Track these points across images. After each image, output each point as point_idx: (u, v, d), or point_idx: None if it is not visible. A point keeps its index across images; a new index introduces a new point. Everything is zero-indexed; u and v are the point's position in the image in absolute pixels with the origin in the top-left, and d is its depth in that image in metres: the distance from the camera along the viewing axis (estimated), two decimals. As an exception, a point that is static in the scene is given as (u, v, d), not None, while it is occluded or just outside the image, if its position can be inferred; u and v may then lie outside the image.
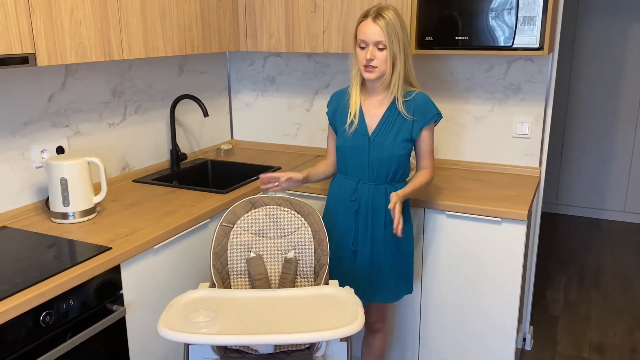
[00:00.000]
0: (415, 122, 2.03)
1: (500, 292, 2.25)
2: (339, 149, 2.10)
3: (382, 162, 2.03)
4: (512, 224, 2.17)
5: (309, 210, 1.99)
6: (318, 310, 1.66)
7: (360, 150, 2.05)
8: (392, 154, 2.02)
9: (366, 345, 2.33)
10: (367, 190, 2.07)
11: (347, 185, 2.11)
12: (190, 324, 1.54)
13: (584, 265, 3.90)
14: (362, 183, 2.07)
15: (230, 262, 1.96)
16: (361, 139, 2.04)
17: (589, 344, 2.91)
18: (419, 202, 2.28)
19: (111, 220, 2.01)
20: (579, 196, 4.88)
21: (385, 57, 1.94)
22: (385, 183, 2.07)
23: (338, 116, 2.11)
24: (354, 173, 2.09)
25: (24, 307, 1.45)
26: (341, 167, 2.14)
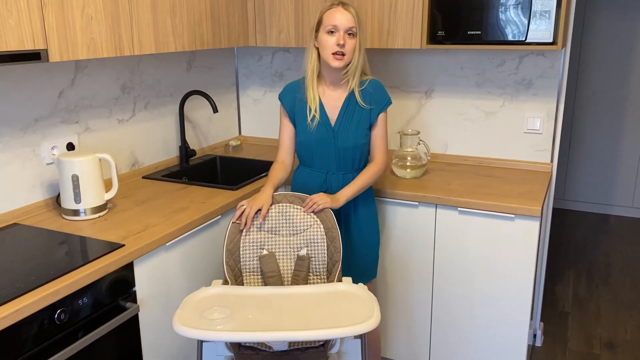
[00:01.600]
0: (372, 110, 2.07)
1: (512, 289, 2.24)
2: (303, 143, 2.11)
3: (348, 151, 2.07)
4: (525, 220, 2.15)
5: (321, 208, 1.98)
6: (332, 307, 1.65)
7: (327, 142, 2.07)
8: (356, 142, 2.06)
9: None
10: (337, 180, 2.10)
11: (315, 177, 2.13)
12: (206, 320, 1.53)
13: (592, 261, 3.88)
14: (331, 173, 2.11)
15: (243, 259, 1.95)
16: (325, 131, 2.06)
17: (599, 340, 2.90)
18: (430, 198, 2.27)
19: (123, 217, 2.00)
20: (587, 192, 4.85)
21: (354, 45, 1.98)
22: (353, 171, 2.11)
23: (297, 111, 2.10)
24: (321, 165, 2.11)
25: (39, 305, 1.45)
26: (306, 160, 2.14)
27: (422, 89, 2.76)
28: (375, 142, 2.11)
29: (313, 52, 2.03)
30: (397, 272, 2.44)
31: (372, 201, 2.17)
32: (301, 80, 2.11)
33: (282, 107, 2.14)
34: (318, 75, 2.08)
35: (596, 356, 2.76)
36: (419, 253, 2.38)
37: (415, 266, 2.40)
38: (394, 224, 2.39)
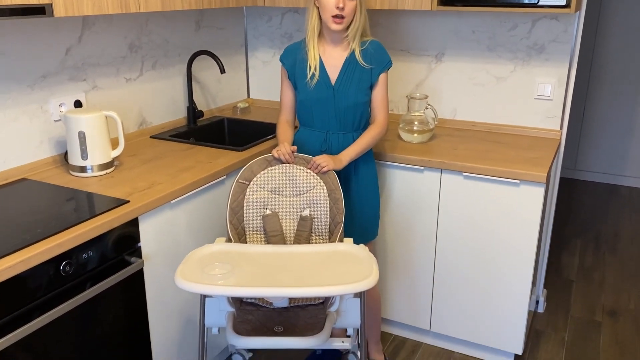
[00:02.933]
0: (373, 70, 2.06)
1: (515, 254, 2.25)
2: (302, 102, 2.10)
3: (348, 111, 2.07)
4: (531, 186, 2.14)
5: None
6: (333, 266, 1.67)
7: (326, 101, 2.06)
8: (356, 101, 2.06)
9: None
10: (337, 140, 2.10)
11: (315, 137, 2.13)
12: (207, 276, 1.56)
13: (600, 230, 3.87)
14: (331, 133, 2.11)
15: (246, 218, 1.97)
16: (325, 90, 2.06)
17: (602, 308, 2.91)
18: (435, 163, 2.26)
19: (129, 175, 2.02)
20: (598, 162, 4.80)
21: (354, 7, 1.97)
22: (352, 131, 2.11)
23: (297, 70, 2.10)
24: (321, 124, 2.11)
25: (44, 256, 1.48)
26: (306, 120, 2.14)
27: (432, 52, 2.72)
28: (376, 103, 2.10)
29: (314, 11, 2.01)
30: (400, 237, 2.46)
31: (372, 161, 2.18)
32: (302, 41, 2.10)
33: (283, 68, 2.14)
34: (319, 34, 2.06)
35: (597, 323, 2.77)
36: (423, 218, 2.38)
37: (419, 231, 2.41)
38: (399, 189, 2.40)
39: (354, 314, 1.82)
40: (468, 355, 2.51)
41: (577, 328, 2.73)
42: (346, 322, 1.82)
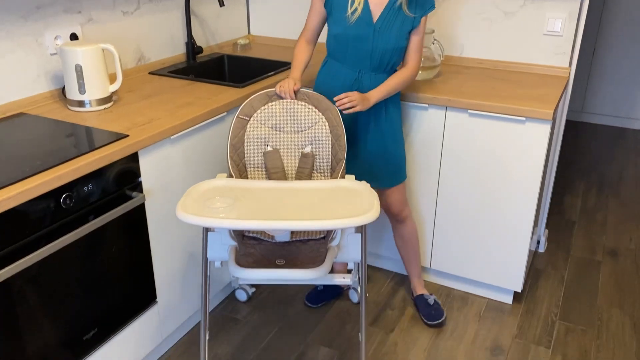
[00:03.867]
0: (416, 13, 1.98)
1: (518, 193, 2.24)
2: (338, 36, 2.02)
3: (385, 53, 1.99)
4: (536, 123, 2.11)
5: (327, 105, 1.95)
6: (334, 201, 1.66)
7: (364, 39, 1.98)
8: (396, 45, 1.98)
9: (398, 237, 2.37)
10: (369, 80, 2.04)
11: (346, 74, 2.06)
12: (208, 209, 1.56)
13: (605, 173, 3.85)
14: (363, 73, 2.04)
15: (247, 155, 1.96)
16: (365, 27, 1.97)
17: (602, 248, 2.93)
18: (441, 100, 2.22)
19: (128, 110, 1.99)
20: (606, 104, 4.72)
21: None
22: (385, 73, 2.05)
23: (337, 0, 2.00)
24: (354, 62, 2.04)
25: (44, 188, 1.48)
26: (338, 55, 2.07)
27: (439, -14, 2.62)
28: (411, 46, 2.02)
29: None
30: (403, 175, 2.44)
31: (399, 103, 2.15)
32: None
33: None
34: None
35: (597, 263, 2.80)
36: (427, 156, 2.36)
37: (422, 169, 2.39)
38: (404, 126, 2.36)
39: (355, 249, 1.82)
40: (468, 292, 2.55)
41: (577, 267, 2.76)
42: (347, 256, 1.83)
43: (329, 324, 2.33)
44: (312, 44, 2.13)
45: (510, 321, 2.37)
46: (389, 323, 2.35)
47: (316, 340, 2.24)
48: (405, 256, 2.40)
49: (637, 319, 2.39)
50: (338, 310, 2.41)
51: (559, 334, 2.30)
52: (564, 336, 2.29)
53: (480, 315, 2.40)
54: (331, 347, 2.21)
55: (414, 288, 2.44)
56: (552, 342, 2.25)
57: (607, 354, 2.19)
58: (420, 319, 2.35)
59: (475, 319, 2.38)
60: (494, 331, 2.31)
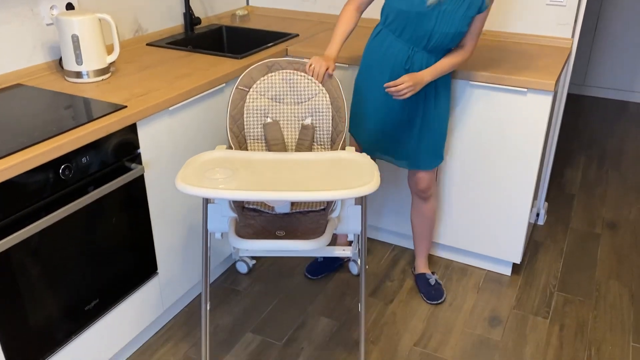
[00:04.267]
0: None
1: (519, 165, 2.23)
2: (399, 12, 1.89)
3: (445, 37, 1.89)
4: (538, 95, 2.09)
5: (327, 76, 1.93)
6: (334, 172, 1.66)
7: (427, 19, 1.86)
8: (458, 29, 1.87)
9: (417, 213, 2.33)
10: (421, 60, 1.94)
11: (399, 50, 1.95)
12: (208, 180, 1.56)
13: (606, 146, 3.84)
14: (417, 51, 1.94)
15: (246, 126, 1.94)
16: (431, 8, 1.84)
17: (602, 221, 2.93)
18: (441, 70, 2.19)
19: (125, 81, 1.97)
20: (608, 77, 4.68)
21: None
22: (439, 56, 1.96)
23: None
24: (410, 40, 1.92)
25: (42, 159, 1.47)
26: (394, 28, 1.94)
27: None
28: (473, 30, 1.93)
29: None
30: (403, 147, 2.43)
31: (450, 84, 2.09)
32: None
33: None
34: None
35: (597, 235, 2.81)
36: (427, 128, 2.35)
37: (422, 141, 2.38)
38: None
39: (355, 221, 1.83)
40: (467, 264, 2.56)
41: (576, 239, 2.77)
42: (347, 228, 1.84)
43: (329, 295, 2.35)
44: (360, 13, 2.03)
45: (508, 292, 2.38)
46: (388, 294, 2.36)
47: (316, 311, 2.26)
48: (418, 233, 2.38)
49: (635, 290, 2.41)
50: (338, 281, 2.43)
51: (557, 304, 2.32)
52: (561, 307, 2.31)
53: (479, 286, 2.42)
54: (331, 317, 2.23)
55: (417, 265, 2.44)
56: (550, 313, 2.27)
57: (605, 325, 2.21)
58: (420, 296, 2.36)
59: (474, 290, 2.40)
60: (493, 302, 2.33)
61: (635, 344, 2.12)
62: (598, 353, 2.07)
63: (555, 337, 2.15)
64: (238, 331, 2.16)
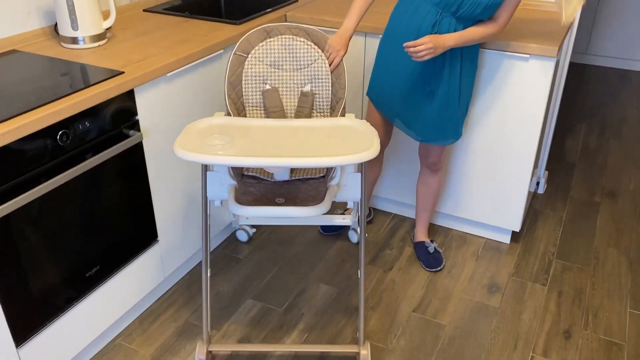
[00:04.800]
0: None
1: (520, 133, 2.22)
2: None
3: (478, 6, 1.80)
4: (540, 61, 2.06)
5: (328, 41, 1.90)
6: (334, 139, 1.64)
7: None
8: (494, 1, 1.79)
9: (423, 185, 2.32)
10: (449, 26, 1.86)
11: (427, 13, 1.86)
12: (207, 146, 1.55)
13: (607, 115, 3.81)
14: (444, 16, 1.85)
15: (245, 93, 1.92)
16: None
17: (601, 190, 2.93)
18: (443, 36, 2.16)
19: (122, 47, 1.94)
20: (611, 46, 4.62)
21: None
22: (468, 25, 1.88)
23: None
24: (439, 3, 1.83)
25: (39, 125, 1.46)
26: None
27: None
28: (508, 2, 1.83)
29: None
30: (403, 115, 2.41)
31: (477, 58, 2.00)
32: None
33: None
34: None
35: (596, 204, 2.81)
36: (427, 95, 2.32)
37: (423, 109, 2.36)
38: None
39: (355, 188, 1.82)
40: (466, 232, 2.57)
41: (575, 208, 2.77)
42: (347, 195, 1.83)
43: (329, 263, 2.37)
44: None
45: (507, 260, 2.40)
46: (387, 262, 2.38)
47: (316, 278, 2.28)
48: (422, 203, 2.37)
49: (633, 258, 2.42)
50: (337, 250, 2.44)
51: (556, 272, 2.34)
52: (560, 274, 2.32)
53: (478, 254, 2.43)
54: (331, 284, 2.25)
55: (417, 234, 2.45)
56: (548, 280, 2.29)
57: (602, 292, 2.23)
58: (419, 264, 2.37)
59: (472, 258, 2.41)
60: (491, 269, 2.34)
61: (633, 310, 2.14)
62: (595, 319, 2.10)
63: (553, 304, 2.17)
64: (239, 298, 2.17)
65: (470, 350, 1.96)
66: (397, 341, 1.99)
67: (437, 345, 1.98)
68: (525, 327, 2.06)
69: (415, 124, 2.08)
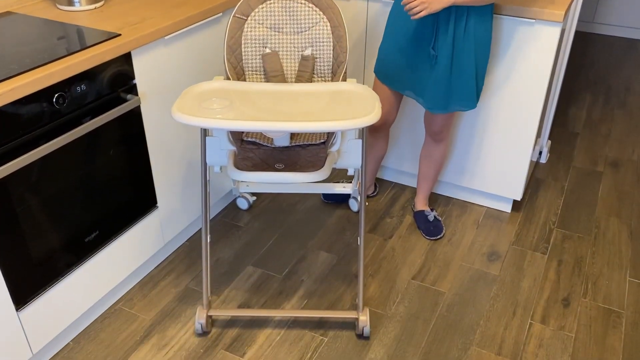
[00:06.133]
0: None
1: (523, 101, 2.18)
2: None
3: None
4: (546, 26, 2.02)
5: (329, 3, 1.86)
6: (335, 104, 1.62)
7: None
8: None
9: (426, 154, 2.29)
10: None
11: None
12: (205, 110, 1.52)
13: (612, 85, 3.76)
14: None
15: (245, 57, 1.89)
16: None
17: (604, 159, 2.91)
18: (447, 0, 2.11)
19: (119, 10, 1.90)
20: (618, 14, 4.54)
21: None
22: None
23: None
24: None
25: (35, 86, 1.43)
26: None
27: None
28: None
29: None
30: (406, 82, 2.38)
31: (488, 20, 1.89)
32: None
33: None
34: None
35: (598, 173, 2.79)
36: (430, 61, 2.28)
37: (425, 75, 2.32)
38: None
39: (355, 155, 1.80)
40: (467, 201, 2.56)
41: (577, 177, 2.76)
42: (347, 162, 1.82)
43: (329, 230, 2.36)
44: None
45: (508, 229, 2.39)
46: (387, 230, 2.38)
47: (316, 246, 2.28)
48: (424, 173, 2.35)
49: (634, 227, 2.42)
50: (338, 218, 2.44)
51: (556, 240, 2.33)
52: (560, 243, 2.32)
53: (479, 223, 2.43)
54: (330, 252, 2.25)
55: (417, 203, 2.43)
56: (548, 248, 2.28)
57: (603, 260, 2.23)
58: (419, 232, 2.37)
59: (473, 226, 2.41)
60: (492, 238, 2.34)
61: (632, 279, 2.14)
62: (594, 287, 2.10)
63: (553, 272, 2.17)
64: (239, 264, 2.18)
65: (469, 317, 1.97)
66: (396, 308, 2.00)
67: (436, 311, 1.99)
68: (524, 295, 2.06)
69: (423, 91, 2.02)
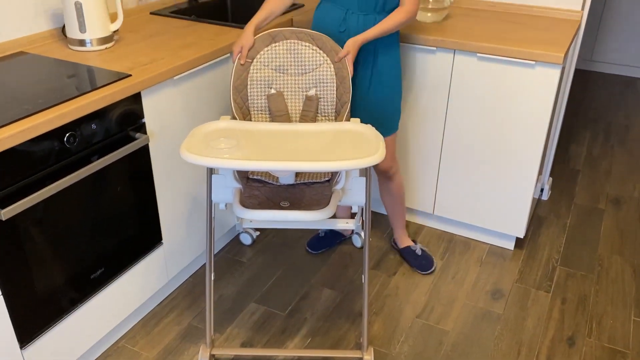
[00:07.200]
0: None
1: (525, 139, 2.22)
2: None
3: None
4: (546, 67, 2.06)
5: (332, 45, 1.91)
6: (339, 143, 1.65)
7: None
8: None
9: (388, 194, 2.31)
10: (356, 21, 1.96)
11: (334, 14, 1.99)
12: (213, 149, 1.55)
13: (612, 122, 3.81)
14: (350, 12, 1.96)
15: (250, 97, 1.93)
16: None
17: (606, 197, 2.93)
18: (448, 43, 2.17)
19: (129, 50, 1.95)
20: (616, 53, 4.62)
21: None
22: (374, 13, 1.95)
23: None
24: (342, 1, 1.96)
25: (46, 127, 1.46)
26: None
27: None
28: None
29: None
30: (408, 119, 2.42)
31: (395, 48, 2.04)
32: None
33: None
34: None
35: (600, 211, 2.80)
36: (432, 100, 2.33)
37: (427, 114, 2.36)
38: (409, 69, 2.32)
39: (359, 193, 1.82)
40: (470, 237, 2.57)
41: (579, 215, 2.77)
42: (351, 200, 1.83)
43: (332, 267, 2.37)
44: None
45: (511, 266, 2.39)
46: (391, 267, 2.38)
47: (319, 283, 2.28)
48: (392, 211, 2.37)
49: (637, 265, 2.42)
50: (341, 254, 2.44)
51: (559, 278, 2.33)
52: (564, 281, 2.32)
53: (482, 260, 2.43)
54: (334, 289, 2.25)
55: (399, 239, 2.43)
56: (552, 287, 2.28)
57: (606, 299, 2.23)
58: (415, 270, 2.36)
59: (476, 263, 2.41)
60: (495, 275, 2.34)
61: (637, 318, 2.13)
62: (599, 327, 2.09)
63: (557, 311, 2.16)
64: (242, 301, 2.18)
65: (473, 357, 1.95)
66: (401, 347, 1.99)
67: (441, 351, 1.98)
68: (528, 334, 2.05)
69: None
